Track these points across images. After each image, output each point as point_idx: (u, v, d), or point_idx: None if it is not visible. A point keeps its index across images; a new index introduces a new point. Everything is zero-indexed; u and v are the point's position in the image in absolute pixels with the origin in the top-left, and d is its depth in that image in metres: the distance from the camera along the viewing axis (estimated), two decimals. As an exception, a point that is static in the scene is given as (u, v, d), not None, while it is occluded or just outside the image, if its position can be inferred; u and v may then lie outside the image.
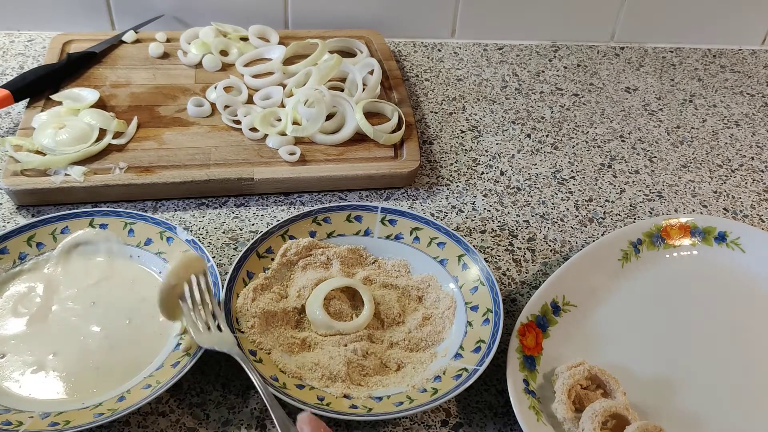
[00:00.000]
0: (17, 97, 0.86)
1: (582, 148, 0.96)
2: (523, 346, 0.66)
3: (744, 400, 0.66)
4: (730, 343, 0.71)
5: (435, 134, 0.95)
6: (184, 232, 0.72)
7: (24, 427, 0.57)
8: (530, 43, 1.16)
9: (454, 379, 0.63)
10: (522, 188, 0.88)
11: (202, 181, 0.80)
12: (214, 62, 0.97)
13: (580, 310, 0.71)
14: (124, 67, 0.96)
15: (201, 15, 1.05)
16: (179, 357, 0.63)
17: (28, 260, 0.71)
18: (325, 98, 0.87)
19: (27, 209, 0.79)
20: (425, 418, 0.64)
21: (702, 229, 0.80)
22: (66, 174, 0.78)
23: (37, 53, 1.02)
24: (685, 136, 1.00)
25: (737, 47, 1.21)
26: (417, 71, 1.07)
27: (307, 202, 0.83)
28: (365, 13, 1.09)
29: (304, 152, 0.85)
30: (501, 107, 1.02)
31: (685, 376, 0.68)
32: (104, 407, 0.59)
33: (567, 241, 0.82)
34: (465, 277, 0.72)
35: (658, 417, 0.63)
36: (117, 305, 0.69)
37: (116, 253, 0.73)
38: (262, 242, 0.72)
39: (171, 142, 0.85)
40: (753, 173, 0.94)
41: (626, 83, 1.09)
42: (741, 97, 1.09)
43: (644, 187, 0.91)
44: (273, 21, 1.06)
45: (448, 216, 0.83)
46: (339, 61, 0.94)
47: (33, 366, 0.63)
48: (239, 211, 0.81)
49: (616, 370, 0.64)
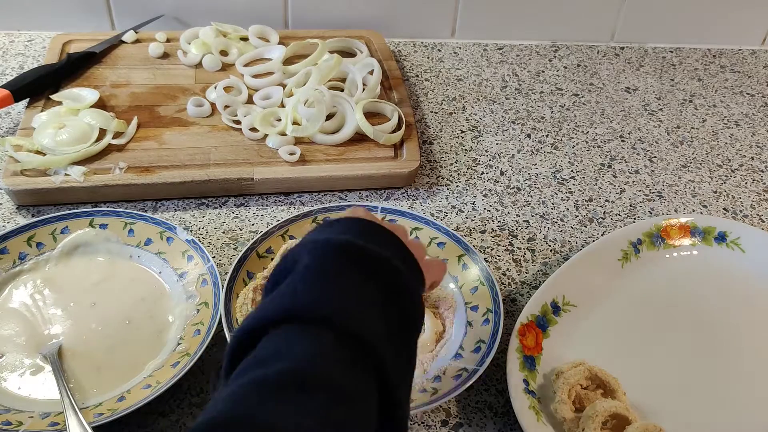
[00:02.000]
0: (17, 97, 0.86)
1: (582, 148, 0.96)
2: (523, 346, 0.66)
3: (744, 400, 0.66)
4: (730, 343, 0.71)
5: (435, 134, 0.95)
6: (184, 232, 0.72)
7: (24, 427, 0.57)
8: (530, 43, 1.16)
9: (454, 380, 0.63)
10: (522, 188, 0.88)
11: (202, 181, 0.80)
12: (214, 62, 0.97)
13: (580, 310, 0.71)
14: (124, 67, 0.96)
15: (201, 15, 1.05)
16: (179, 357, 0.63)
17: (28, 260, 0.71)
18: (325, 98, 0.87)
19: (27, 209, 0.79)
20: (425, 418, 0.64)
21: (702, 229, 0.80)
22: (66, 174, 0.78)
23: (37, 53, 1.02)
24: (685, 136, 1.00)
25: (737, 47, 1.21)
26: (417, 71, 1.07)
27: (307, 202, 0.83)
28: (365, 13, 1.09)
29: (304, 152, 0.85)
30: (501, 107, 1.02)
31: (685, 375, 0.68)
32: (104, 407, 0.59)
33: (567, 241, 0.82)
34: (465, 277, 0.72)
35: (658, 417, 0.63)
36: (117, 305, 0.69)
37: (116, 253, 0.73)
38: (262, 242, 0.72)
39: (171, 142, 0.85)
40: (753, 173, 0.94)
41: (626, 83, 1.09)
42: (741, 97, 1.09)
43: (644, 187, 0.91)
44: (273, 21, 1.06)
45: (448, 216, 0.83)
46: (339, 61, 0.94)
47: (33, 366, 0.63)
48: (239, 211, 0.81)
49: (616, 370, 0.64)
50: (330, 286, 0.44)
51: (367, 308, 0.44)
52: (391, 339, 0.44)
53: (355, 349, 0.41)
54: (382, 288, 0.46)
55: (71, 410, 0.57)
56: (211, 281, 0.68)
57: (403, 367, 0.45)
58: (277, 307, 0.43)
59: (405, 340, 0.46)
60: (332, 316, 0.42)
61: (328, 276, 0.45)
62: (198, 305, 0.67)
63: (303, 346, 0.40)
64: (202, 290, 0.68)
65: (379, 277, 0.46)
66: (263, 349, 0.41)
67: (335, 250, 0.47)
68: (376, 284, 0.46)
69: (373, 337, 0.42)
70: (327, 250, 0.47)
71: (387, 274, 0.47)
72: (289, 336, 0.41)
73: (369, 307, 0.44)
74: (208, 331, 0.64)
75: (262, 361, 0.40)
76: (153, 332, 0.67)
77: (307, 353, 0.40)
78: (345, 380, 0.40)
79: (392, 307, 0.46)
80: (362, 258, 0.47)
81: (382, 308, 0.45)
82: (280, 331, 0.41)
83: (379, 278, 0.46)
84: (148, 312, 0.68)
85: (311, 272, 0.45)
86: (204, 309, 0.67)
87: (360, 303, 0.44)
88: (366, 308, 0.44)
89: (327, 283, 0.45)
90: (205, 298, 0.68)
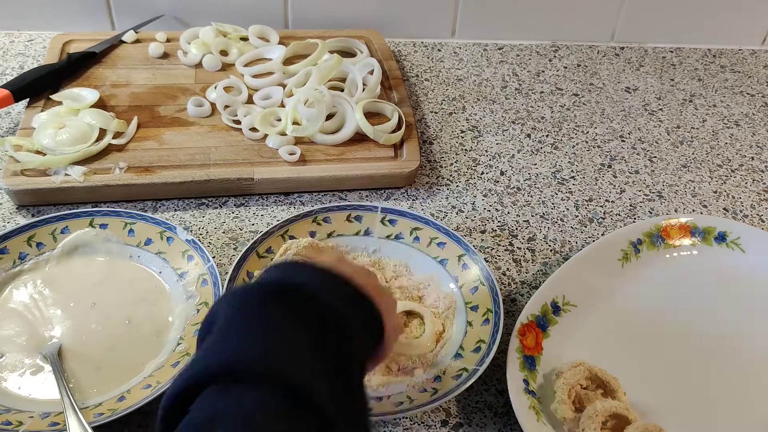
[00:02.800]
0: (17, 97, 0.86)
1: (582, 148, 0.96)
2: (523, 346, 0.66)
3: (744, 399, 0.66)
4: (730, 343, 0.71)
5: (435, 134, 0.95)
6: (184, 232, 0.72)
7: (24, 427, 0.57)
8: (530, 43, 1.16)
9: (454, 379, 0.63)
10: (522, 188, 0.88)
11: (202, 181, 0.80)
12: (214, 62, 0.97)
13: (580, 310, 0.71)
14: (124, 67, 0.96)
15: (201, 15, 1.05)
16: (179, 357, 0.63)
17: (28, 260, 0.71)
18: (325, 98, 0.87)
19: (27, 209, 0.79)
20: (425, 418, 0.64)
21: (702, 229, 0.80)
22: (66, 174, 0.78)
23: (37, 53, 1.02)
24: (685, 136, 1.00)
25: (737, 47, 1.21)
26: (417, 71, 1.07)
27: (307, 202, 0.83)
28: (365, 13, 1.09)
29: (304, 152, 0.85)
30: (501, 107, 1.02)
31: (685, 375, 0.68)
32: (104, 407, 0.59)
33: (567, 241, 0.82)
34: (465, 277, 0.72)
35: (658, 417, 0.63)
36: (117, 305, 0.69)
37: (116, 253, 0.73)
38: (262, 242, 0.72)
39: (171, 142, 0.85)
40: (753, 173, 0.94)
41: (626, 83, 1.09)
42: (741, 97, 1.09)
43: (644, 187, 0.91)
44: (273, 21, 1.06)
45: (448, 216, 0.83)
46: (339, 61, 0.94)
47: (33, 366, 0.63)
48: (239, 211, 0.81)
49: (616, 370, 0.64)
50: (257, 335, 0.42)
51: (300, 353, 0.42)
52: (330, 385, 0.42)
53: (293, 403, 0.39)
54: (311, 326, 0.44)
55: (71, 410, 0.57)
56: (211, 281, 0.68)
57: (344, 408, 0.42)
58: (206, 365, 0.41)
59: (347, 382, 0.44)
60: (263, 371, 0.40)
61: (254, 323, 0.43)
62: (198, 305, 0.68)
63: (239, 408, 0.38)
64: (202, 290, 0.68)
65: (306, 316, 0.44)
66: (198, 411, 0.39)
67: (263, 294, 0.45)
68: (304, 324, 0.44)
69: (311, 388, 0.40)
70: (254, 294, 0.45)
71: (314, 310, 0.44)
72: (224, 396, 0.39)
73: (302, 352, 0.42)
74: (208, 331, 0.64)
75: (199, 428, 0.38)
76: (153, 332, 0.67)
77: (244, 417, 0.38)
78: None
79: (325, 349, 0.43)
80: (289, 298, 0.45)
81: (316, 350, 0.43)
82: (215, 388, 0.40)
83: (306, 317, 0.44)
84: (148, 312, 0.68)
85: (236, 321, 0.43)
86: (204, 309, 0.67)
87: (292, 349, 0.42)
88: (299, 354, 0.42)
89: (253, 332, 0.43)
90: (205, 298, 0.68)
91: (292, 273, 0.48)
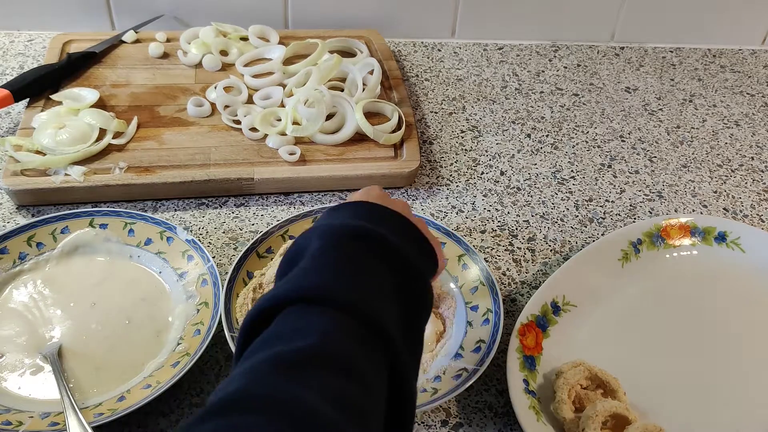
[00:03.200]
0: (17, 97, 0.86)
1: (582, 148, 0.96)
2: (523, 346, 0.66)
3: (744, 399, 0.66)
4: (730, 343, 0.71)
5: (435, 134, 0.95)
6: (184, 232, 0.72)
7: (24, 427, 0.57)
8: (530, 43, 1.16)
9: (454, 379, 0.63)
10: (522, 188, 0.88)
11: (202, 181, 0.80)
12: (214, 62, 0.97)
13: (580, 310, 0.71)
14: (124, 67, 0.96)
15: (201, 15, 1.05)
16: (179, 357, 0.63)
17: (28, 260, 0.71)
18: (325, 98, 0.87)
19: (27, 209, 0.79)
20: (425, 418, 0.64)
21: (702, 229, 0.80)
22: (66, 174, 0.78)
23: (37, 53, 1.02)
24: (685, 136, 1.00)
25: (737, 47, 1.21)
26: (417, 71, 1.07)
27: (307, 202, 0.83)
28: (365, 13, 1.09)
29: (304, 152, 0.85)
30: (501, 107, 1.02)
31: (685, 375, 0.68)
32: (104, 407, 0.59)
33: (567, 241, 0.82)
34: (465, 277, 0.72)
35: (658, 417, 0.63)
36: (117, 305, 0.69)
37: (116, 253, 0.73)
38: (262, 242, 0.72)
39: (171, 142, 0.85)
40: (753, 173, 0.94)
41: (626, 83, 1.09)
42: (741, 97, 1.09)
43: (644, 187, 0.91)
44: (273, 21, 1.06)
45: (448, 216, 0.83)
46: (339, 61, 0.94)
47: (33, 366, 0.63)
48: (239, 211, 0.81)
49: (616, 370, 0.64)
50: (343, 269, 0.45)
51: (380, 292, 0.45)
52: (401, 322, 0.45)
53: (369, 331, 0.42)
54: (394, 273, 0.47)
55: (71, 410, 0.57)
56: (211, 281, 0.68)
57: (412, 349, 0.47)
58: (293, 287, 0.43)
59: (415, 325, 0.48)
60: (346, 298, 0.43)
61: (340, 259, 0.46)
62: (198, 305, 0.67)
63: (320, 325, 0.41)
64: (202, 290, 0.68)
65: (390, 263, 0.47)
66: (279, 325, 0.41)
67: (347, 234, 0.48)
68: (388, 269, 0.47)
69: (386, 320, 0.43)
70: (340, 234, 0.48)
71: (397, 259, 0.48)
72: (305, 315, 0.42)
73: (382, 291, 0.45)
74: (208, 331, 0.64)
75: (279, 337, 0.40)
76: (153, 332, 0.67)
77: (324, 332, 0.40)
78: (360, 360, 0.40)
79: (402, 293, 0.47)
80: (374, 243, 0.48)
81: (394, 292, 0.46)
82: (296, 308, 0.42)
83: (390, 263, 0.47)
84: (148, 312, 0.68)
85: (324, 255, 0.46)
86: (204, 309, 0.67)
87: (373, 287, 0.45)
88: (379, 292, 0.45)
89: (340, 266, 0.46)
90: (205, 298, 0.68)
91: (375, 218, 0.51)
